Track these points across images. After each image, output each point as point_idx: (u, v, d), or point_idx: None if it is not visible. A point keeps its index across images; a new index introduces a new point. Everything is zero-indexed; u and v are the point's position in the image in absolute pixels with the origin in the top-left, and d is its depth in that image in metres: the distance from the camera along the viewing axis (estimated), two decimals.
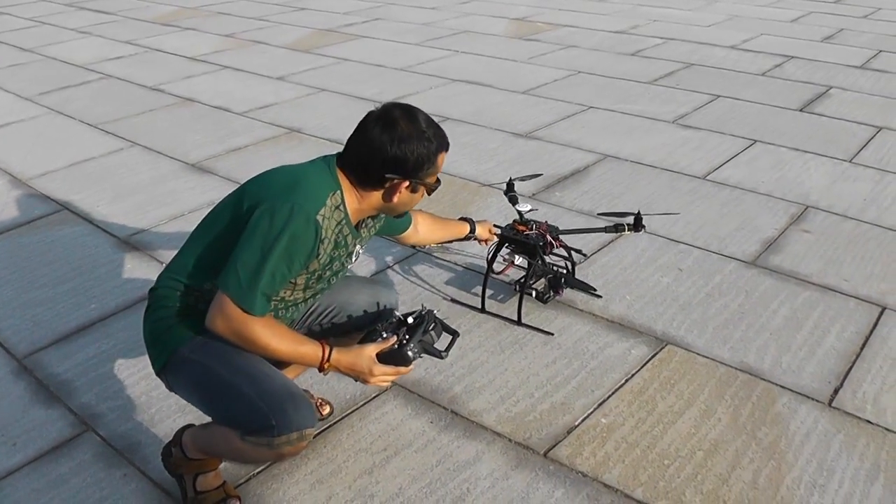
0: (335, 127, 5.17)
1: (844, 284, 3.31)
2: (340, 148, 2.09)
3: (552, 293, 3.15)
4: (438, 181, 2.17)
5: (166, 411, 2.60)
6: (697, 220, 3.87)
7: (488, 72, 6.61)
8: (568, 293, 3.19)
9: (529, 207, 3.15)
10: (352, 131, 2.04)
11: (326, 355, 1.99)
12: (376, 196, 2.07)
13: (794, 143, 4.88)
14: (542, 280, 3.15)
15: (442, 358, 2.12)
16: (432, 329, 2.12)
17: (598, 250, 3.59)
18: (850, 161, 4.62)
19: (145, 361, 2.84)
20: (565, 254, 3.18)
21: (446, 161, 2.19)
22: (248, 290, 1.89)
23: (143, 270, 3.50)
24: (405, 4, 9.81)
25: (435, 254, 3.56)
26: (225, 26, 8.73)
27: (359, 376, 2.05)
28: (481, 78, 6.43)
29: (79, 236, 3.84)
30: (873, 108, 5.55)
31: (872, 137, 4.99)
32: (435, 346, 2.12)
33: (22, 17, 9.63)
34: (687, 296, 3.22)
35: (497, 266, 3.18)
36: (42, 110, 5.88)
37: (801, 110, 5.53)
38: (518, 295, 3.05)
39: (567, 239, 3.18)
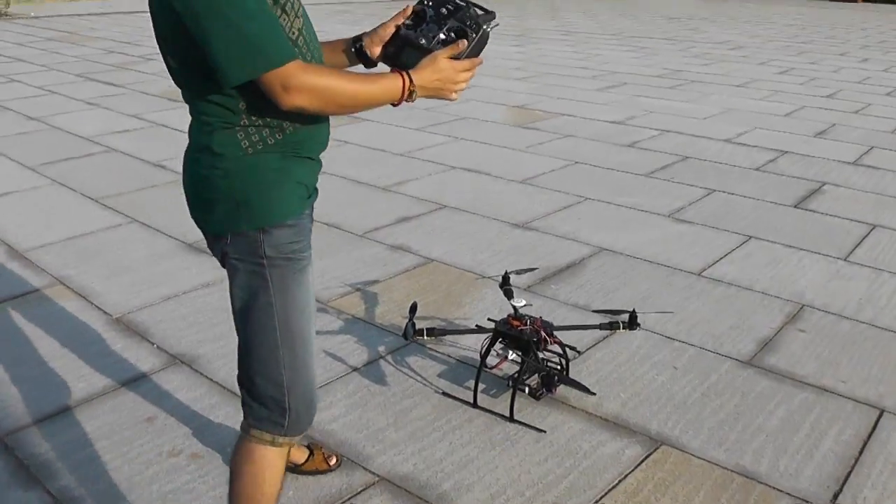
0: (335, 212, 5.19)
1: (841, 386, 3.28)
2: (340, 233, 2.09)
3: (545, 390, 3.11)
4: None
5: (147, 499, 2.54)
6: (693, 318, 3.86)
7: (487, 159, 6.69)
8: (561, 389, 3.16)
9: (524, 303, 3.14)
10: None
11: (407, 79, 1.80)
12: None
13: (789, 241, 4.91)
14: (536, 376, 3.12)
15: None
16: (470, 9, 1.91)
17: (593, 346, 3.57)
18: (844, 259, 4.63)
19: (129, 445, 2.80)
20: (559, 350, 3.16)
21: (441, 250, 2.17)
22: (267, 45, 1.66)
23: (133, 351, 3.46)
24: None
25: (428, 346, 3.53)
26: None
27: (444, 88, 1.87)
28: (480, 166, 6.50)
29: (71, 312, 3.82)
30: (867, 206, 5.61)
31: (866, 235, 5.02)
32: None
33: (31, 84, 9.78)
34: (682, 395, 3.19)
35: (490, 360, 3.16)
36: (44, 181, 5.92)
37: (795, 206, 5.58)
38: (511, 390, 3.01)
39: (561, 335, 3.17)
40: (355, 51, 2.08)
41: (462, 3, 1.93)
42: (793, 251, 4.75)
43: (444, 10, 1.92)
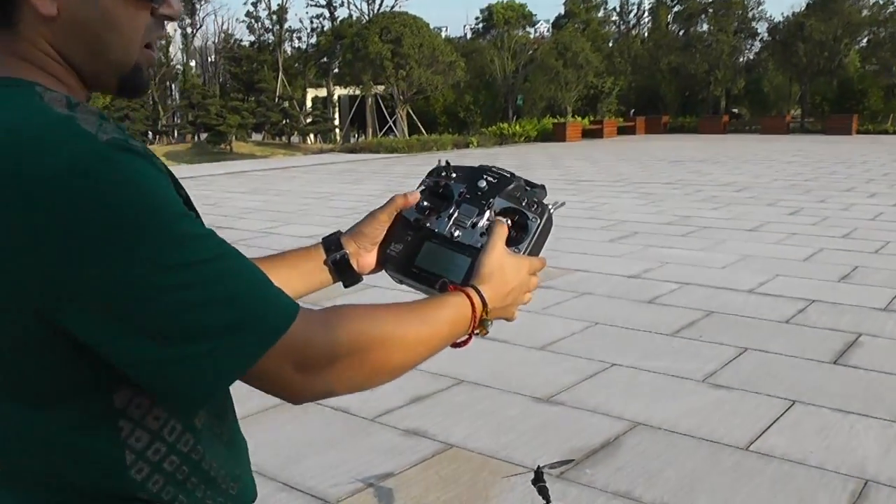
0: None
1: None
2: (348, 418, 1.75)
3: None
4: None
5: None
6: (750, 503, 3.45)
7: (503, 326, 6.34)
8: None
9: None
10: None
11: (478, 299, 1.18)
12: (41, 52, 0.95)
13: (836, 403, 4.53)
14: None
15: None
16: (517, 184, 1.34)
17: None
18: None
19: None
20: None
21: (461, 433, 1.81)
22: (258, 299, 0.90)
23: None
24: None
25: None
26: None
27: (515, 302, 1.27)
28: (496, 332, 6.07)
29: None
30: None
31: None
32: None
33: None
34: None
35: None
36: None
37: (834, 363, 5.23)
38: None
39: None
40: (334, 264, 1.34)
41: (507, 174, 1.36)
42: (842, 415, 4.37)
43: (482, 184, 1.33)
